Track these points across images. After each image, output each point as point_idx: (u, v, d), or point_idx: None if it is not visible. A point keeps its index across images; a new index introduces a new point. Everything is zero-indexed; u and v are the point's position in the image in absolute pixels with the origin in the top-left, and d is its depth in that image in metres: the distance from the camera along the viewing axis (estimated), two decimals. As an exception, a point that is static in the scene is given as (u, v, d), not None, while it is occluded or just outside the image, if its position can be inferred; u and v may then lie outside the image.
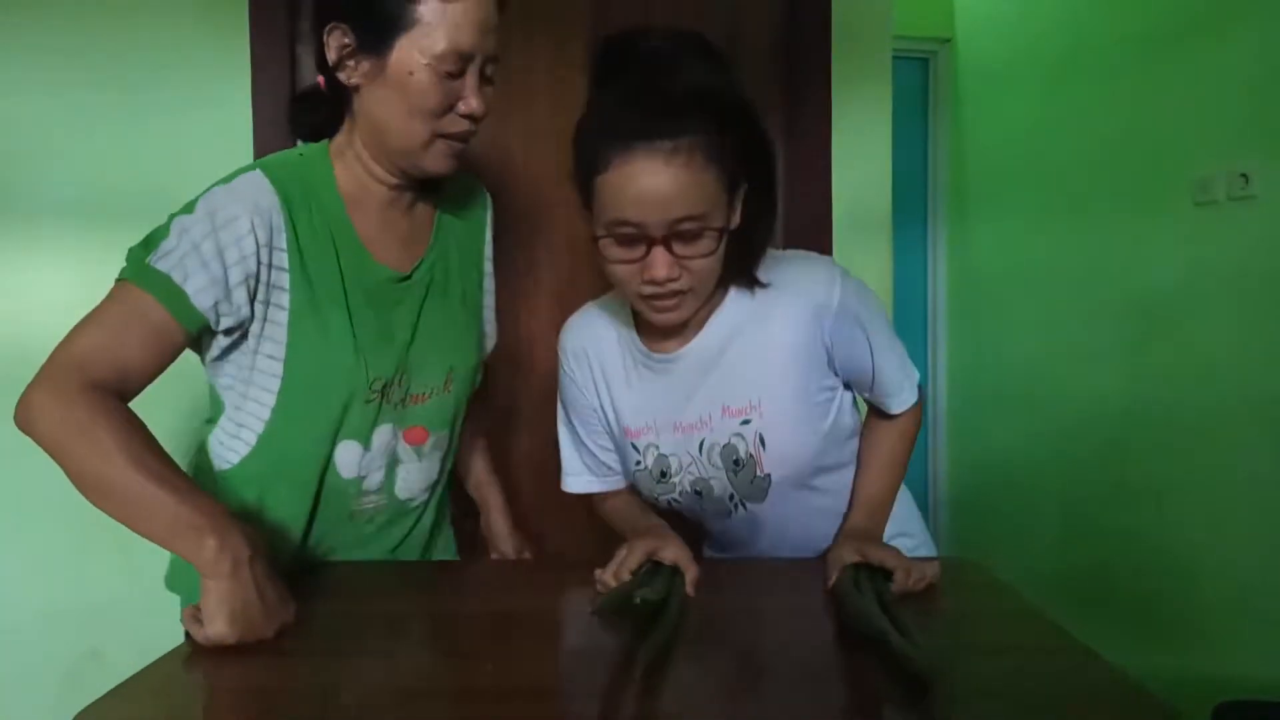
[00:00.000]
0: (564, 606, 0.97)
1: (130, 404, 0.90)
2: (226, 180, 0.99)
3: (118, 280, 0.93)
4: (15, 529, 1.49)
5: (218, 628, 0.79)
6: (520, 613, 0.92)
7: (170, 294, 0.91)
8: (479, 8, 0.98)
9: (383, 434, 1.08)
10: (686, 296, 0.97)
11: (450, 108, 0.99)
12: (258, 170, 1.00)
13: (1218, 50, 2.03)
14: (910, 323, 3.28)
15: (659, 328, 1.04)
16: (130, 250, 0.95)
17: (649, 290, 0.96)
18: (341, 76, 1.00)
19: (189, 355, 0.99)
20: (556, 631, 0.87)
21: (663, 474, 1.11)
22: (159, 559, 1.54)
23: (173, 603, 1.50)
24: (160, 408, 0.99)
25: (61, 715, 0.71)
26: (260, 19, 1.52)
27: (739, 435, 1.04)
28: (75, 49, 1.48)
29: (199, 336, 0.97)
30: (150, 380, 0.93)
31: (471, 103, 0.99)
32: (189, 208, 0.96)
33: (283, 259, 0.98)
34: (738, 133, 0.95)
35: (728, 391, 1.04)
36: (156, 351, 0.92)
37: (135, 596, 1.51)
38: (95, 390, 0.86)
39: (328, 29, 0.99)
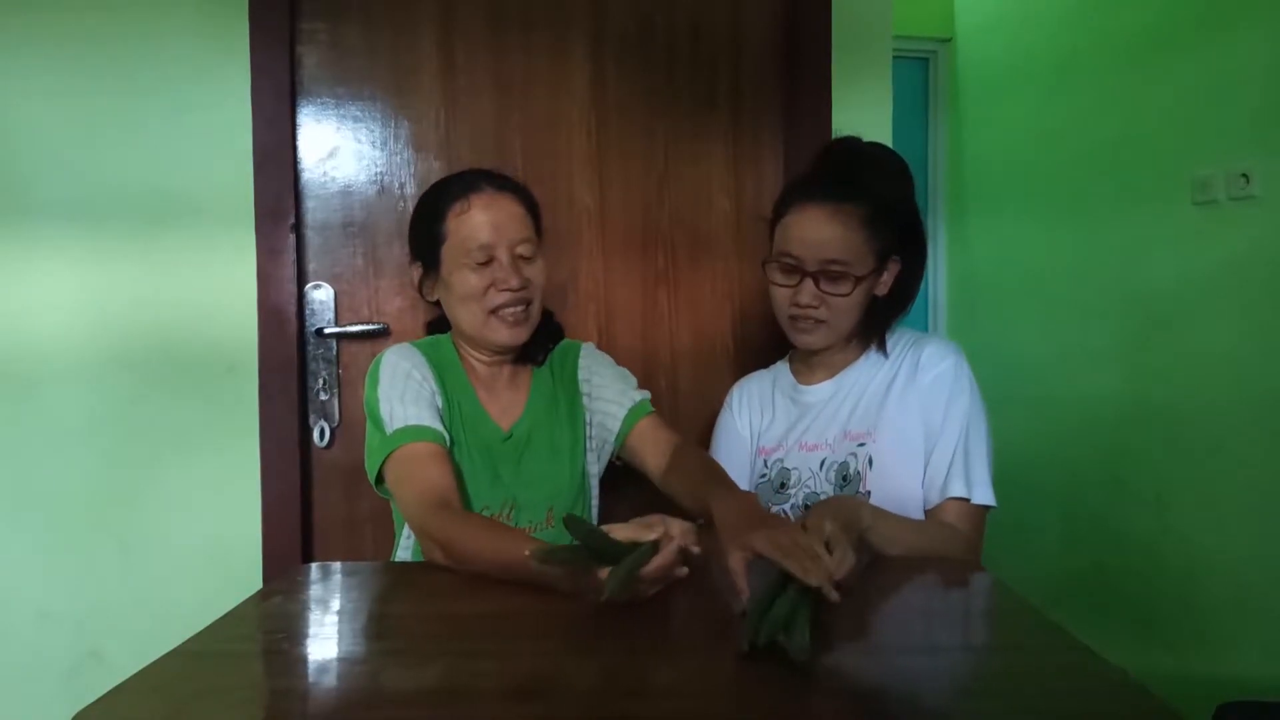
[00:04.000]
0: (564, 606, 0.97)
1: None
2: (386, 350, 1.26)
3: (384, 462, 1.17)
4: (15, 529, 1.49)
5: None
6: (520, 612, 0.92)
7: (415, 432, 1.16)
8: (490, 210, 1.23)
9: None
10: (822, 326, 1.24)
11: (491, 286, 1.22)
12: (408, 344, 1.29)
13: (1217, 50, 2.03)
14: (909, 323, 3.26)
15: (808, 364, 1.33)
16: (371, 444, 1.20)
17: (795, 313, 1.24)
18: (428, 297, 1.32)
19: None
20: (557, 631, 0.87)
21: (783, 485, 1.29)
22: (159, 559, 1.55)
23: (173, 603, 1.50)
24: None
25: (61, 715, 0.71)
26: (260, 20, 1.52)
27: (853, 455, 1.24)
28: (75, 51, 1.48)
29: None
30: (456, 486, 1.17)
31: (507, 280, 1.22)
32: (374, 382, 1.22)
33: (440, 395, 1.25)
34: (895, 214, 1.25)
35: (851, 419, 1.27)
36: (444, 466, 1.16)
37: (135, 596, 1.51)
38: (439, 510, 1.09)
39: (411, 271, 1.31)
